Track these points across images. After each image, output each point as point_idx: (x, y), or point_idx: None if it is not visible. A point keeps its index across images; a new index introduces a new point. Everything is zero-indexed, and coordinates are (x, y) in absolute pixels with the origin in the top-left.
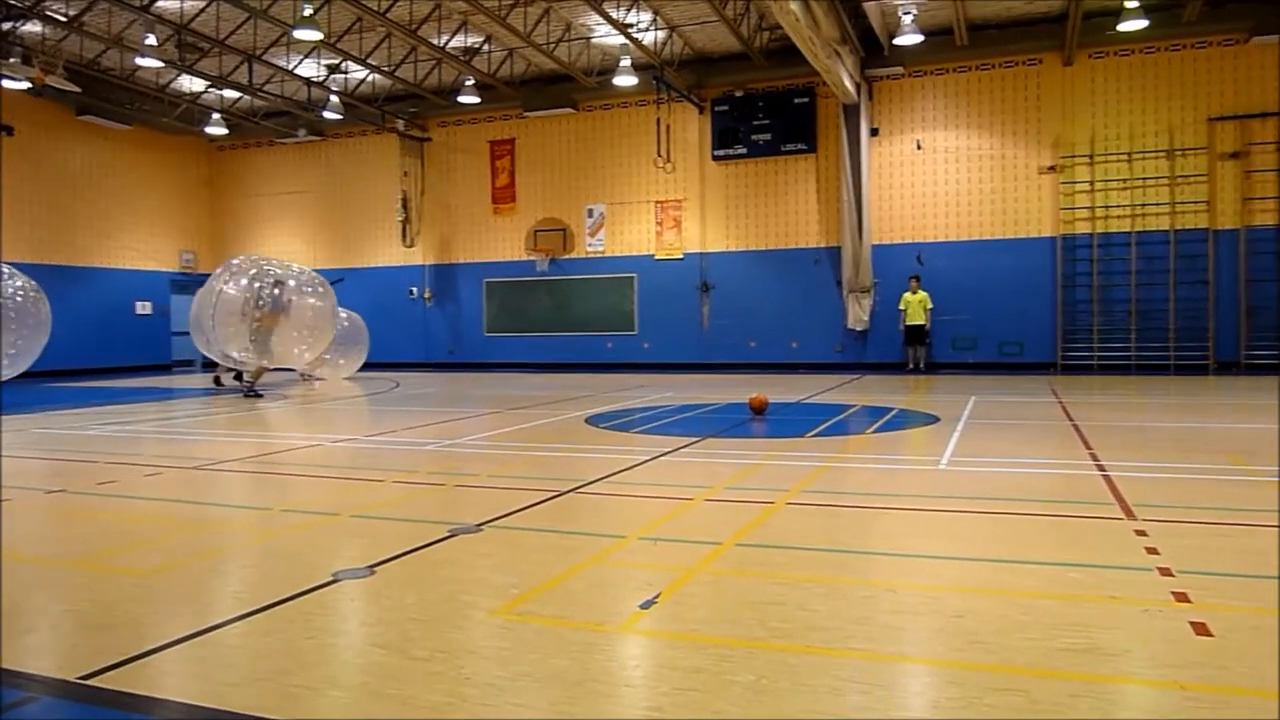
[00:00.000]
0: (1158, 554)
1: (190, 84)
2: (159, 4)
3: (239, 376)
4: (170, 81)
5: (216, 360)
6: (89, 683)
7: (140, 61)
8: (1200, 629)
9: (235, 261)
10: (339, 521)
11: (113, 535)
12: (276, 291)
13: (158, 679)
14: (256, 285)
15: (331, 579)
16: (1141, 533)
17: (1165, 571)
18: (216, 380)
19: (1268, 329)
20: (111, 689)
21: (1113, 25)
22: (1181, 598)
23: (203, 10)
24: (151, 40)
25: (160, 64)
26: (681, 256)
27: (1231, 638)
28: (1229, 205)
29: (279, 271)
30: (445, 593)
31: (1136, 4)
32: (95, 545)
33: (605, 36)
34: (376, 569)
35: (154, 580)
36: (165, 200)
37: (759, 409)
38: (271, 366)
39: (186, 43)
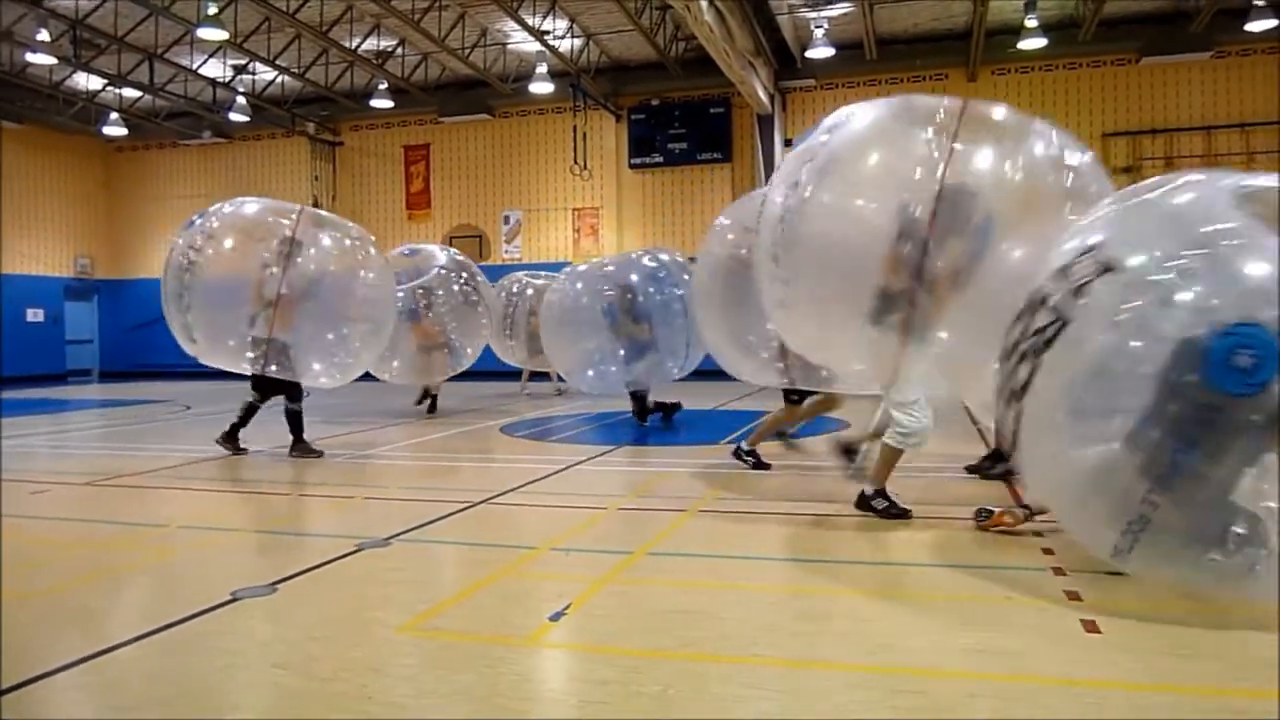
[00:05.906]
0: (1052, 554)
1: (87, 82)
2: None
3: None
4: (65, 79)
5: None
6: None
7: (31, 58)
8: (1090, 626)
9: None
10: (240, 537)
11: None
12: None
13: (46, 706)
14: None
15: (230, 598)
16: (1038, 534)
17: (1059, 571)
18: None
19: None
20: None
21: (1014, 43)
22: (1074, 597)
23: (99, 6)
24: (44, 36)
25: (53, 61)
26: None
27: (1117, 635)
28: None
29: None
30: (350, 609)
31: (1036, 23)
32: None
33: (521, 43)
34: (278, 586)
35: (42, 603)
36: (59, 202)
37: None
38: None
39: (82, 39)
